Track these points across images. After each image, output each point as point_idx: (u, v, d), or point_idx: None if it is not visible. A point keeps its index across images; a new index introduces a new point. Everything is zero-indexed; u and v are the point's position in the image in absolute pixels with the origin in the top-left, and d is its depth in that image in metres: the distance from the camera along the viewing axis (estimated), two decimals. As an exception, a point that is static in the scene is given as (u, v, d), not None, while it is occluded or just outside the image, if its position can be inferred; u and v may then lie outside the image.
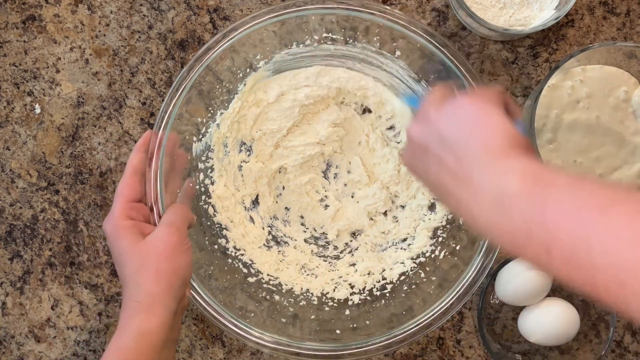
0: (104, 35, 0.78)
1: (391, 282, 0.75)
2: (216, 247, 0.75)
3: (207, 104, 0.73)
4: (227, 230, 0.76)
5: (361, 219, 0.79)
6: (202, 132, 0.74)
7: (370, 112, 0.78)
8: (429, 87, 0.72)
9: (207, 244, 0.74)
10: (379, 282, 0.76)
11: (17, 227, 0.79)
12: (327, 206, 0.79)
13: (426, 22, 0.77)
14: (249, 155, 0.78)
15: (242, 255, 0.76)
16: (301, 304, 0.74)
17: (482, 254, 0.68)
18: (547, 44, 0.77)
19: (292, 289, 0.76)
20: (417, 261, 0.75)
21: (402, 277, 0.75)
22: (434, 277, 0.72)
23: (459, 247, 0.72)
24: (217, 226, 0.75)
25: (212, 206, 0.76)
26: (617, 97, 0.73)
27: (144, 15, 0.78)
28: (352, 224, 0.79)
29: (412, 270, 0.75)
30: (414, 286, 0.73)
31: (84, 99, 0.78)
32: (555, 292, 0.76)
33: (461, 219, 0.53)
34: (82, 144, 0.79)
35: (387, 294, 0.74)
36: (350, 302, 0.75)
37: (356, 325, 0.72)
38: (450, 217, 0.74)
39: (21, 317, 0.79)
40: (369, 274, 0.76)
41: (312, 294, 0.75)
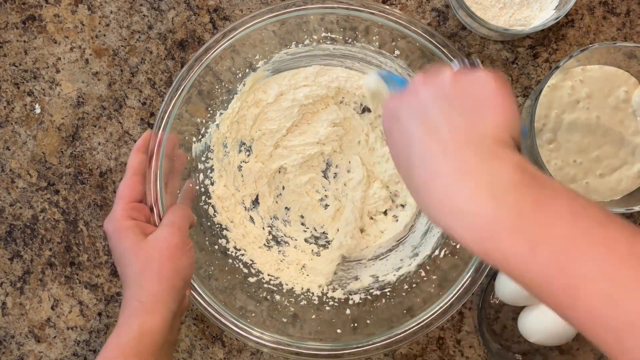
0: (104, 35, 0.78)
1: (390, 283, 0.75)
2: (216, 248, 0.75)
3: (207, 104, 0.73)
4: (227, 230, 0.76)
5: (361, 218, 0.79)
6: (201, 132, 0.74)
7: (369, 111, 0.78)
8: None
9: (207, 244, 0.74)
10: (378, 283, 0.76)
11: (17, 227, 0.79)
12: (327, 206, 0.79)
13: (426, 22, 0.77)
14: (249, 155, 0.78)
15: (243, 255, 0.76)
16: (301, 303, 0.74)
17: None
18: (547, 44, 0.77)
19: (292, 288, 0.76)
20: (418, 261, 0.76)
21: (402, 277, 0.75)
22: (434, 277, 0.72)
23: (459, 246, 0.72)
24: (217, 226, 0.75)
25: (212, 206, 0.76)
26: (617, 97, 0.73)
27: (144, 15, 0.78)
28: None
29: (413, 269, 0.75)
30: (414, 286, 0.73)
31: (84, 99, 0.78)
32: (555, 292, 0.76)
33: (419, 194, 0.46)
34: (82, 144, 0.79)
35: (387, 294, 0.74)
36: (350, 302, 0.75)
37: (356, 324, 0.72)
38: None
39: (21, 317, 0.79)
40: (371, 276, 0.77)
41: (312, 293, 0.75)
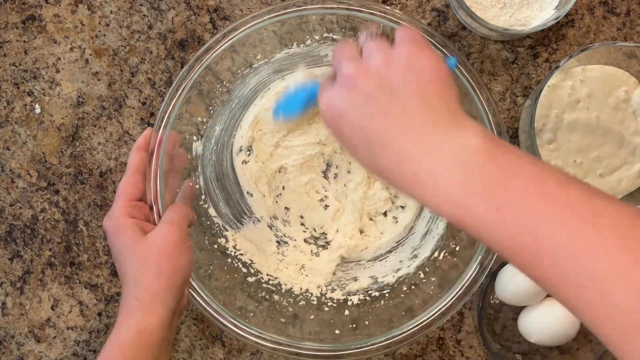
0: (104, 35, 0.78)
1: (389, 285, 0.75)
2: (216, 247, 0.75)
3: (207, 104, 0.73)
4: (226, 230, 0.76)
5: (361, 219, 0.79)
6: (202, 132, 0.74)
7: None
8: None
9: (206, 243, 0.74)
10: (377, 284, 0.76)
11: (17, 227, 0.79)
12: (326, 206, 0.79)
13: (426, 22, 0.77)
14: (249, 155, 0.78)
15: (242, 255, 0.76)
16: (300, 304, 0.74)
17: (482, 254, 0.68)
18: (547, 44, 0.77)
19: (291, 288, 0.76)
20: (417, 263, 0.76)
21: (401, 278, 0.75)
22: (434, 277, 0.72)
23: (458, 247, 0.72)
24: (216, 226, 0.75)
25: (213, 206, 0.76)
26: (617, 97, 0.73)
27: (144, 15, 0.78)
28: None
29: (412, 271, 0.75)
30: (414, 286, 0.73)
31: (84, 99, 0.78)
32: (555, 292, 0.76)
33: (393, 179, 0.47)
34: (82, 144, 0.79)
35: (387, 295, 0.74)
36: (349, 303, 0.75)
37: (356, 325, 0.72)
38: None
39: (21, 317, 0.79)
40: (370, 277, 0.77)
41: (311, 294, 0.75)
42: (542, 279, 0.42)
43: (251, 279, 0.75)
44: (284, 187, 0.80)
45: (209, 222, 0.75)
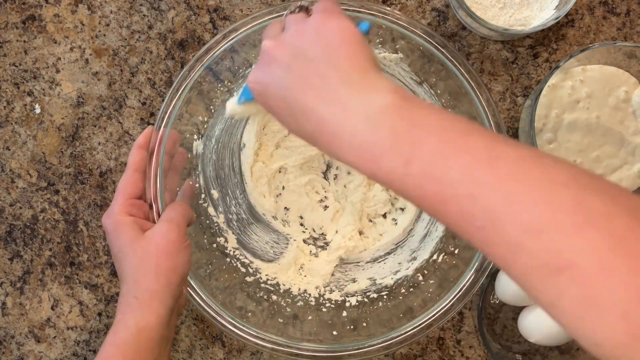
0: (104, 35, 0.78)
1: (387, 287, 0.75)
2: (214, 246, 0.75)
3: (207, 104, 0.73)
4: (225, 229, 0.76)
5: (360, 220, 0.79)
6: (202, 131, 0.74)
7: None
8: (430, 89, 0.72)
9: (205, 242, 0.74)
10: (375, 285, 0.76)
11: (17, 227, 0.79)
12: (326, 207, 0.79)
13: (426, 22, 0.77)
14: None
15: (241, 254, 0.76)
16: (299, 304, 0.74)
17: (482, 254, 0.68)
18: (547, 44, 0.77)
19: (289, 289, 0.76)
20: (416, 265, 0.76)
21: (400, 280, 0.75)
22: (434, 279, 0.72)
23: (458, 249, 0.72)
24: (215, 225, 0.75)
25: (212, 205, 0.76)
26: (617, 97, 0.73)
27: (144, 15, 0.78)
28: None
29: (411, 273, 0.75)
30: (413, 288, 0.73)
31: (84, 99, 0.78)
32: (555, 292, 0.76)
33: (318, 143, 0.50)
34: (82, 144, 0.79)
35: (385, 296, 0.74)
36: (347, 304, 0.75)
37: (355, 326, 0.72)
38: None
39: (21, 317, 0.79)
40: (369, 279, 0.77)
41: (309, 294, 0.75)
42: (453, 226, 0.43)
43: (250, 279, 0.75)
44: (284, 187, 0.80)
45: (208, 221, 0.75)
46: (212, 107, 0.73)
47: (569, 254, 0.37)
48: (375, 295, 0.75)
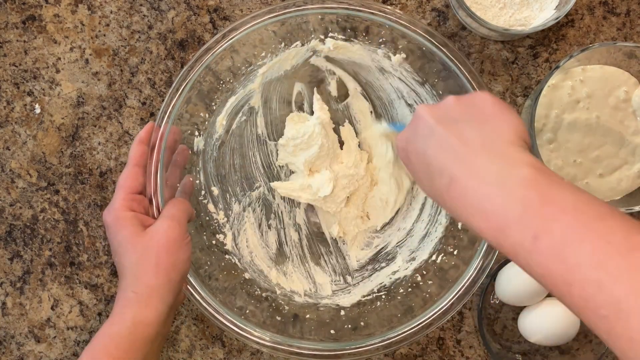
0: (104, 35, 0.78)
1: (385, 286, 0.75)
2: (214, 243, 0.75)
3: (207, 104, 0.73)
4: (225, 226, 0.76)
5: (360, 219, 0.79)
6: (202, 129, 0.74)
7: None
8: (432, 89, 0.72)
9: (205, 239, 0.74)
10: (377, 285, 0.76)
11: (17, 227, 0.79)
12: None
13: (426, 22, 0.77)
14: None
15: (241, 251, 0.76)
16: (299, 303, 0.74)
17: (482, 254, 0.68)
18: (547, 44, 0.77)
19: (289, 288, 0.76)
20: (415, 266, 0.76)
21: (398, 280, 0.75)
22: (434, 278, 0.72)
23: (458, 249, 0.72)
24: (215, 222, 0.75)
25: (212, 202, 0.76)
26: (617, 97, 0.73)
27: (144, 15, 0.78)
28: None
29: (411, 272, 0.75)
30: (413, 287, 0.73)
31: (84, 99, 0.78)
32: (555, 292, 0.76)
33: (446, 202, 0.51)
34: (82, 144, 0.79)
35: (384, 295, 0.74)
36: (347, 304, 0.75)
37: (355, 325, 0.72)
38: (448, 222, 0.74)
39: (21, 317, 0.79)
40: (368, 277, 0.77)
41: (309, 293, 0.76)
42: (575, 309, 0.43)
43: (248, 276, 0.75)
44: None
45: (207, 218, 0.75)
46: (213, 104, 0.73)
47: None
48: (373, 295, 0.75)
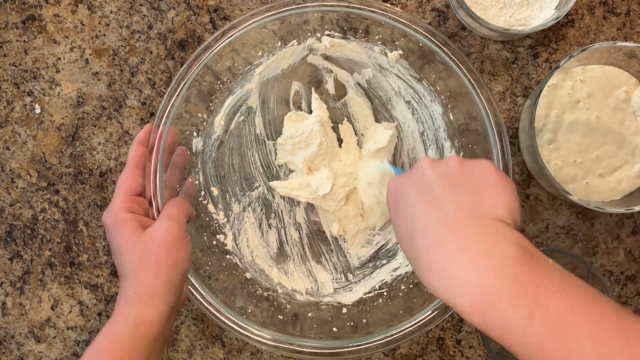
0: (104, 35, 0.78)
1: (387, 284, 0.75)
2: (214, 243, 0.75)
3: (207, 103, 0.73)
4: (225, 226, 0.76)
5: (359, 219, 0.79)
6: (201, 129, 0.74)
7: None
8: (430, 86, 0.72)
9: (205, 240, 0.74)
10: (378, 283, 0.76)
11: (17, 227, 0.79)
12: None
13: (426, 22, 0.77)
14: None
15: (241, 251, 0.76)
16: (299, 302, 0.74)
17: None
18: (547, 44, 0.77)
19: (289, 286, 0.76)
20: None
21: (399, 277, 0.75)
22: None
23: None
24: (215, 222, 0.75)
25: (212, 202, 0.76)
26: (617, 97, 0.73)
27: (144, 15, 0.78)
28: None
29: (411, 270, 0.75)
30: (413, 285, 0.73)
31: (83, 99, 0.78)
32: (555, 292, 0.76)
33: (424, 266, 0.49)
34: (82, 144, 0.79)
35: (385, 293, 0.74)
36: (348, 302, 0.75)
37: (355, 323, 0.72)
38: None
39: (21, 317, 0.79)
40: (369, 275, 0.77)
41: (309, 292, 0.76)
42: None
43: (249, 275, 0.75)
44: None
45: (207, 219, 0.75)
46: (211, 105, 0.73)
47: None
48: (374, 293, 0.75)
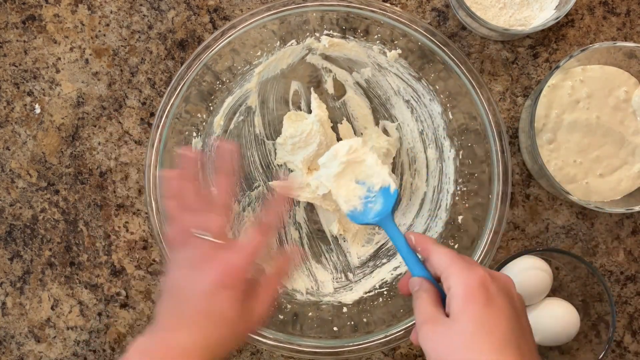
0: (104, 35, 0.78)
1: (387, 282, 0.75)
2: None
3: (206, 102, 0.73)
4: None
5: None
6: (200, 129, 0.74)
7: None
8: (429, 85, 0.72)
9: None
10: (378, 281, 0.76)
11: (17, 227, 0.79)
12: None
13: (426, 22, 0.77)
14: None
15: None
16: (301, 301, 0.74)
17: (481, 254, 0.68)
18: (547, 44, 0.77)
19: (290, 286, 0.76)
20: None
21: (400, 276, 0.75)
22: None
23: (457, 245, 0.72)
24: None
25: None
26: (617, 97, 0.73)
27: (144, 15, 0.78)
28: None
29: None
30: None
31: (83, 99, 0.78)
32: (555, 292, 0.76)
33: None
34: (82, 144, 0.79)
35: (385, 292, 0.74)
36: (348, 301, 0.75)
37: (355, 323, 0.72)
38: (448, 217, 0.74)
39: (21, 317, 0.79)
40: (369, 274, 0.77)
41: (311, 291, 0.76)
42: None
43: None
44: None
45: None
46: (211, 105, 0.73)
47: None
48: (374, 292, 0.75)
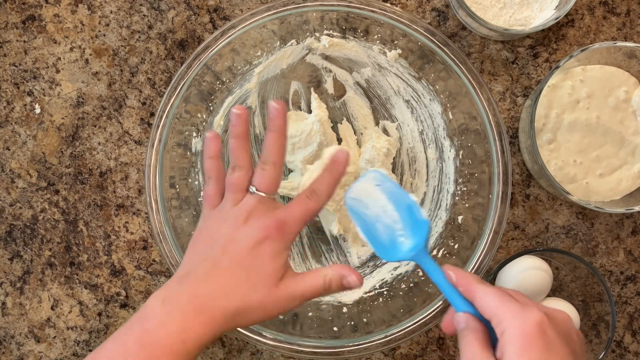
0: (104, 35, 0.78)
1: (387, 283, 0.75)
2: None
3: (206, 102, 0.73)
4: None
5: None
6: (200, 129, 0.74)
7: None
8: (429, 85, 0.72)
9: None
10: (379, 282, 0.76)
11: (17, 227, 0.79)
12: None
13: (426, 22, 0.77)
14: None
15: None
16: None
17: (481, 254, 0.68)
18: (547, 44, 0.77)
19: None
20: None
21: (400, 276, 0.75)
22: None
23: (457, 245, 0.72)
24: None
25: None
26: (617, 97, 0.73)
27: (144, 15, 0.78)
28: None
29: (412, 268, 0.75)
30: (413, 285, 0.73)
31: (83, 99, 0.78)
32: (555, 292, 0.76)
33: None
34: (82, 144, 0.79)
35: (385, 292, 0.74)
36: (348, 301, 0.75)
37: (355, 323, 0.72)
38: (448, 217, 0.74)
39: (21, 317, 0.79)
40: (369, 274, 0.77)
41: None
42: None
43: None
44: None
45: None
46: (211, 105, 0.73)
47: None
48: (375, 292, 0.75)
